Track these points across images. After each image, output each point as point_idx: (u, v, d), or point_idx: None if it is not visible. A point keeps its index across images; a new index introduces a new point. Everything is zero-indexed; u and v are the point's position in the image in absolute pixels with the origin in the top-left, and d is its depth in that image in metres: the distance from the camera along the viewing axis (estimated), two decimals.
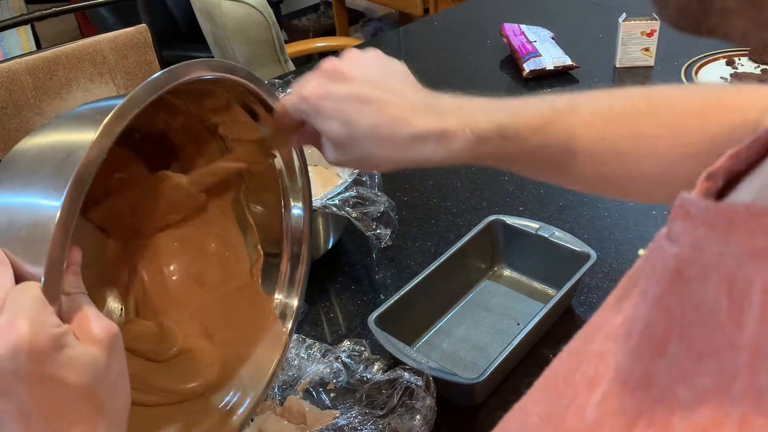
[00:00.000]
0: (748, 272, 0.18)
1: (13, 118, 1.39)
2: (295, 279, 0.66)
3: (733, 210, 0.18)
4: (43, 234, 0.38)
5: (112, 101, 0.43)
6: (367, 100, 0.48)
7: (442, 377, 0.66)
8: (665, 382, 0.19)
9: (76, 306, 0.41)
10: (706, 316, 0.19)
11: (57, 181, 0.39)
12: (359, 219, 0.83)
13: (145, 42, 1.53)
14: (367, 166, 0.52)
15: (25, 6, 2.93)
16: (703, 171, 0.22)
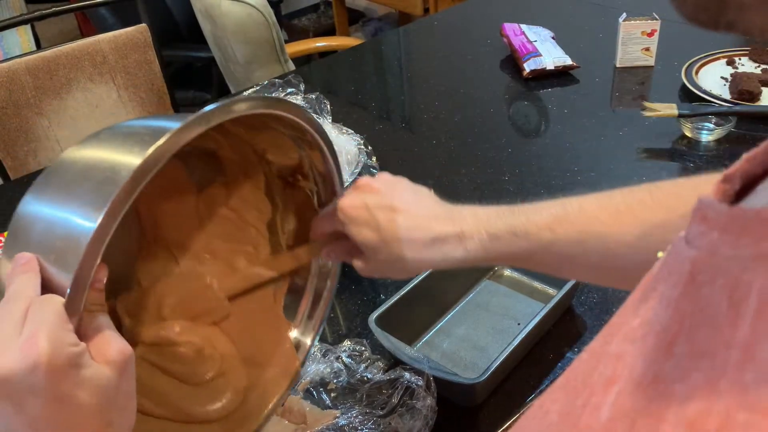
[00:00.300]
0: (749, 275, 0.18)
1: (13, 117, 1.39)
2: (313, 315, 0.66)
3: (744, 214, 0.19)
4: (74, 249, 0.39)
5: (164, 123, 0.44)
6: (396, 209, 0.56)
7: (442, 377, 0.66)
8: (669, 381, 0.20)
9: (95, 324, 0.42)
10: (709, 318, 0.19)
11: (95, 200, 0.40)
12: None
13: (145, 42, 1.53)
14: (394, 270, 0.57)
15: (25, 6, 2.93)
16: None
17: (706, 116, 1.11)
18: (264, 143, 0.60)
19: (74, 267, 0.39)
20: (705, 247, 0.19)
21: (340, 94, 1.44)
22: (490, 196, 1.03)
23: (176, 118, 0.45)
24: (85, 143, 0.48)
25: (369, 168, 0.89)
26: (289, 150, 0.60)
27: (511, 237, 0.54)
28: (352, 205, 0.57)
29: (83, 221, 0.40)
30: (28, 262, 0.41)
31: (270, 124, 0.55)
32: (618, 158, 1.09)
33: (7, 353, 0.37)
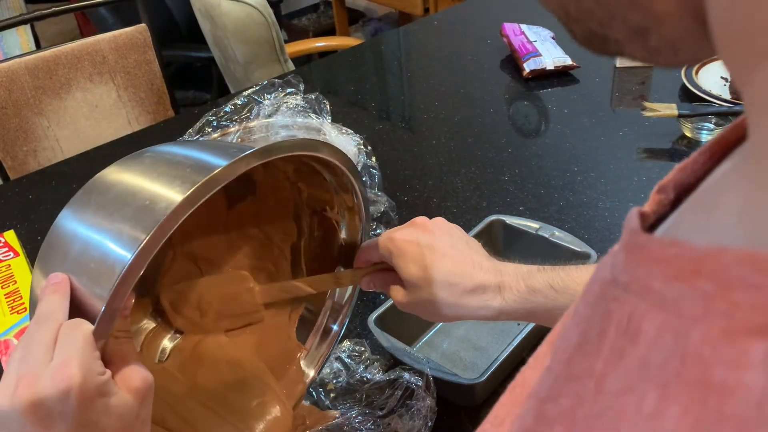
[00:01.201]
0: (614, 305, 0.18)
1: (13, 118, 1.39)
2: (320, 351, 0.67)
3: (636, 239, 0.18)
4: (107, 276, 0.40)
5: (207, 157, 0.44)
6: (446, 253, 0.57)
7: (442, 377, 0.66)
8: (546, 400, 0.20)
9: (121, 352, 0.43)
10: (585, 343, 0.19)
11: (133, 230, 0.41)
12: None
13: (145, 42, 1.53)
14: (429, 311, 0.58)
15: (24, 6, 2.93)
16: None
17: (706, 116, 1.11)
18: (298, 174, 0.61)
19: (106, 293, 0.40)
20: (613, 269, 0.19)
21: (340, 94, 1.44)
22: (490, 196, 1.03)
23: (219, 151, 0.45)
24: (127, 164, 0.48)
25: (369, 168, 0.89)
26: (321, 184, 0.61)
27: (549, 290, 0.55)
28: (404, 238, 0.58)
29: (120, 249, 0.41)
30: (61, 282, 0.42)
31: (306, 160, 0.57)
32: (618, 158, 1.09)
33: (40, 379, 0.38)
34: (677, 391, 0.15)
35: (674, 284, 0.16)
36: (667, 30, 0.19)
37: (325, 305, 0.67)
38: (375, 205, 0.85)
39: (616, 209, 0.96)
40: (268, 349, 0.65)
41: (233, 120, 1.00)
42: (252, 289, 0.64)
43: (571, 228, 0.91)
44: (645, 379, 0.16)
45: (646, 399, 0.16)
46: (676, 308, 0.16)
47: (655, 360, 0.16)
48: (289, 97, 1.01)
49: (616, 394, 0.17)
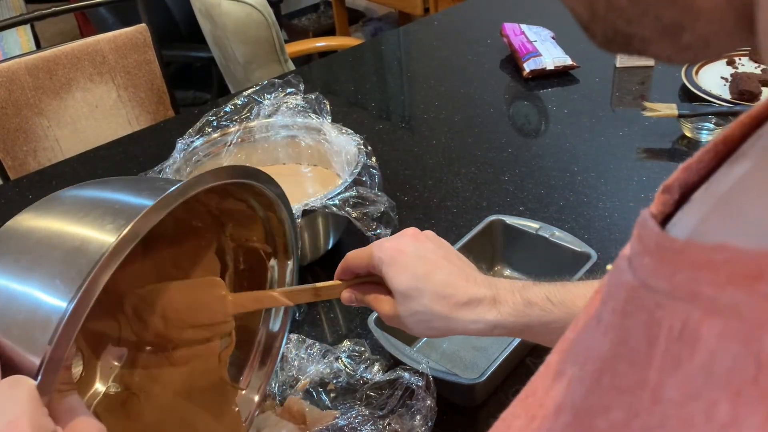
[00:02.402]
0: (661, 313, 0.18)
1: (13, 118, 1.39)
2: (261, 374, 0.65)
3: (669, 244, 0.18)
4: (43, 327, 0.37)
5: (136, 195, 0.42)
6: (439, 264, 0.56)
7: (442, 377, 0.66)
8: (592, 414, 0.19)
9: (68, 405, 0.41)
10: (630, 353, 0.19)
11: (69, 273, 0.38)
12: (359, 219, 0.83)
13: (145, 42, 1.53)
14: (419, 324, 0.56)
15: (24, 6, 2.93)
16: None
17: (706, 116, 1.11)
18: (221, 205, 0.59)
19: (43, 347, 0.36)
20: (638, 273, 0.19)
21: (340, 94, 1.44)
22: (490, 196, 1.03)
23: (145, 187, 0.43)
24: (43, 207, 0.45)
25: (369, 168, 0.89)
26: (247, 214, 0.58)
27: (546, 303, 0.53)
28: (396, 247, 0.57)
29: (54, 298, 0.38)
30: None
31: (230, 189, 0.54)
32: (618, 158, 1.09)
33: None
34: (755, 398, 0.15)
35: (729, 289, 0.16)
36: (703, 26, 0.19)
37: (258, 334, 0.65)
38: (375, 205, 0.85)
39: (616, 209, 0.96)
40: (201, 395, 0.61)
41: (233, 120, 1.00)
42: (224, 297, 0.60)
43: (571, 228, 0.91)
44: (711, 387, 0.16)
45: (717, 407, 0.15)
46: (736, 314, 0.15)
47: (722, 366, 0.15)
48: (289, 97, 1.01)
49: (678, 403, 0.16)
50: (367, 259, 0.58)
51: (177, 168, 0.92)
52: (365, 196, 0.84)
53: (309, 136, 0.99)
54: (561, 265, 0.80)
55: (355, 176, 0.86)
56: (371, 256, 0.57)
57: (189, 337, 0.61)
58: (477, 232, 0.85)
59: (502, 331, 0.55)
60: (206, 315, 0.60)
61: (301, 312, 0.84)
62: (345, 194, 0.83)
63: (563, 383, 0.21)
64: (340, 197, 0.82)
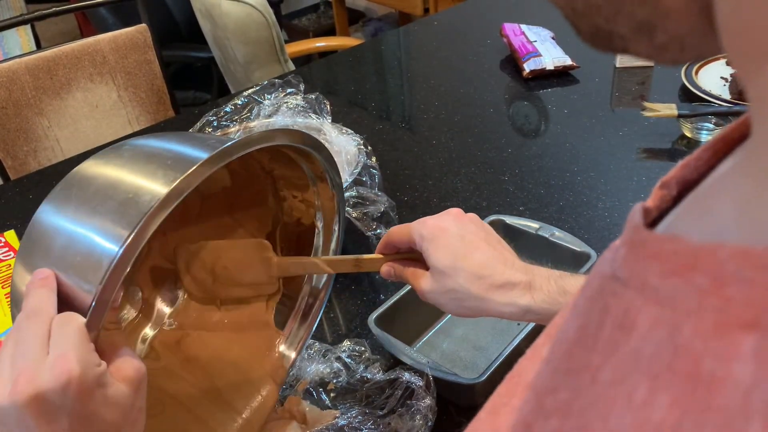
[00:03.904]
0: (612, 300, 0.18)
1: (13, 118, 1.39)
2: (299, 335, 0.67)
3: (639, 235, 0.18)
4: (95, 269, 0.40)
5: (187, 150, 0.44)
6: (478, 245, 0.56)
7: (442, 377, 0.66)
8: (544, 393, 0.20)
9: (113, 343, 0.44)
10: (584, 337, 0.19)
11: (119, 223, 0.41)
12: (359, 219, 0.83)
13: (145, 42, 1.53)
14: (454, 303, 0.57)
15: (25, 6, 2.93)
16: None
17: (706, 116, 1.11)
18: (271, 161, 0.61)
19: (95, 287, 0.40)
20: (613, 264, 0.19)
21: (340, 94, 1.44)
22: (490, 196, 1.03)
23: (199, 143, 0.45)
24: (106, 157, 0.48)
25: (369, 168, 0.89)
26: (297, 172, 0.61)
27: None
28: (438, 224, 0.58)
29: (107, 243, 0.41)
30: (47, 277, 0.42)
31: (283, 150, 0.56)
32: (618, 158, 1.09)
33: (40, 373, 0.39)
34: (667, 382, 0.15)
35: (670, 279, 0.16)
36: (672, 25, 0.19)
37: (302, 291, 0.67)
38: (375, 205, 0.85)
39: (616, 209, 0.96)
40: (248, 337, 0.65)
41: (233, 120, 1.00)
42: (269, 258, 0.63)
43: (571, 228, 0.91)
44: (636, 371, 0.16)
45: (636, 390, 0.16)
46: (671, 303, 0.16)
47: (647, 352, 0.16)
48: (290, 97, 1.02)
49: (607, 384, 0.17)
50: (408, 235, 0.59)
51: None
52: (365, 196, 0.84)
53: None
54: (561, 265, 0.79)
55: (355, 176, 0.86)
56: (413, 231, 0.59)
57: (234, 295, 0.64)
58: None
59: (534, 317, 0.55)
60: (252, 275, 0.63)
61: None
62: (345, 194, 0.83)
63: (540, 365, 0.22)
64: None
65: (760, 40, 0.16)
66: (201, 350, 0.63)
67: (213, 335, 0.64)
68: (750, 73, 0.17)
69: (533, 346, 0.27)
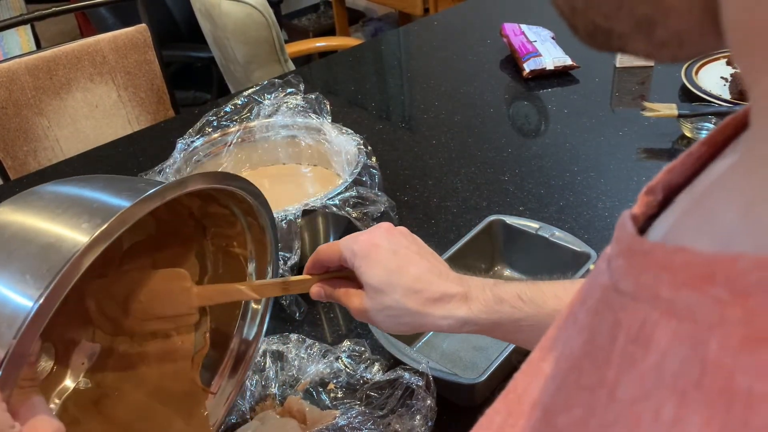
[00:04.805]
0: (623, 314, 0.18)
1: (13, 118, 1.39)
2: (232, 382, 0.64)
3: (638, 246, 0.18)
4: (9, 322, 0.37)
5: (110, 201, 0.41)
6: (412, 259, 0.55)
7: (442, 377, 0.66)
8: (555, 411, 0.20)
9: (29, 402, 0.41)
10: (594, 351, 0.19)
11: (35, 273, 0.38)
12: (359, 219, 0.83)
13: (145, 42, 1.53)
14: (389, 318, 0.55)
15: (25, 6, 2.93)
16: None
17: (706, 116, 1.11)
18: (203, 209, 0.59)
19: (8, 342, 0.37)
20: (612, 275, 0.19)
21: (340, 94, 1.44)
22: (490, 196, 1.03)
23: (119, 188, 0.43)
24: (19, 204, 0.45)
25: (369, 168, 0.89)
26: (228, 219, 0.58)
27: (517, 301, 0.53)
28: (370, 240, 0.56)
29: (22, 296, 0.38)
30: None
31: (213, 194, 0.54)
32: (618, 158, 1.09)
33: None
34: (698, 399, 0.15)
35: (685, 292, 0.16)
36: (673, 22, 0.19)
37: (231, 343, 0.64)
38: (375, 205, 0.85)
39: (616, 209, 0.96)
40: (173, 396, 0.62)
41: (233, 120, 1.00)
42: (189, 289, 0.59)
43: (571, 228, 0.91)
44: (660, 387, 0.16)
45: (663, 407, 0.15)
46: (689, 316, 0.16)
47: (671, 368, 0.16)
48: (290, 97, 1.02)
49: (629, 402, 0.17)
50: (338, 252, 0.57)
51: (177, 168, 0.92)
52: (365, 196, 0.84)
53: (309, 136, 0.99)
54: (561, 265, 0.80)
55: (355, 176, 0.86)
56: (343, 248, 0.57)
57: (151, 329, 0.60)
58: (477, 232, 0.85)
59: (473, 327, 0.54)
60: (170, 306, 0.59)
61: (301, 312, 0.84)
62: (345, 194, 0.83)
63: (540, 380, 0.22)
64: (340, 197, 0.82)
65: (763, 41, 0.16)
66: (122, 411, 0.60)
67: (134, 394, 0.60)
68: (753, 74, 0.17)
69: (528, 360, 0.26)
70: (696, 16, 0.19)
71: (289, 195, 0.97)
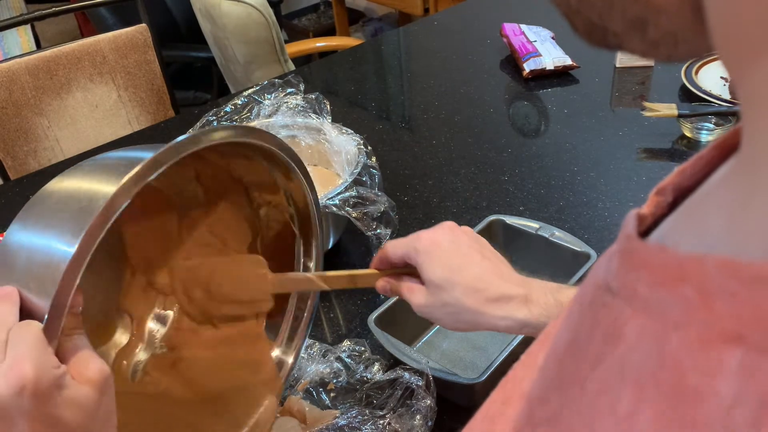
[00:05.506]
0: (602, 312, 0.18)
1: (13, 118, 1.39)
2: (294, 336, 0.67)
3: (631, 245, 0.18)
4: (52, 276, 0.40)
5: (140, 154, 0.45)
6: (474, 258, 0.56)
7: (442, 377, 0.66)
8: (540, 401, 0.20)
9: (74, 346, 0.43)
10: (576, 347, 0.19)
11: (73, 228, 0.41)
12: (359, 219, 0.83)
13: (145, 42, 1.53)
14: (449, 317, 0.57)
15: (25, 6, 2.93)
16: None
17: (706, 116, 1.11)
18: (240, 169, 0.61)
19: (52, 293, 0.40)
20: (607, 273, 0.19)
21: (340, 94, 1.44)
22: (490, 196, 1.03)
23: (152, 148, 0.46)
24: (65, 174, 0.49)
25: (369, 168, 0.89)
26: (264, 175, 0.61)
27: None
28: (433, 238, 0.58)
29: (61, 247, 0.41)
30: (9, 293, 0.43)
31: (243, 152, 0.57)
32: (618, 158, 1.09)
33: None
34: (651, 394, 0.15)
35: (658, 290, 0.16)
36: (664, 21, 0.19)
37: (290, 299, 0.68)
38: (375, 205, 0.85)
39: (616, 209, 0.96)
40: (242, 351, 0.65)
41: (233, 120, 1.00)
42: (265, 275, 0.63)
43: (571, 228, 0.91)
44: (622, 381, 0.16)
45: (621, 400, 0.16)
46: (659, 314, 0.16)
47: (633, 362, 0.16)
48: (289, 97, 1.02)
49: (594, 394, 0.17)
50: (403, 249, 0.59)
51: None
52: (365, 196, 0.84)
53: (309, 136, 0.99)
54: (561, 265, 0.80)
55: (355, 176, 0.86)
56: (408, 246, 0.59)
57: (228, 313, 0.64)
58: (477, 232, 0.85)
59: (531, 330, 0.55)
60: (247, 292, 0.63)
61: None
62: (345, 194, 0.83)
63: (533, 372, 0.22)
64: (340, 197, 0.82)
65: (748, 34, 0.16)
66: (198, 370, 0.63)
67: (207, 354, 0.64)
68: (739, 72, 0.17)
69: (528, 352, 0.27)
70: (687, 15, 0.19)
71: None
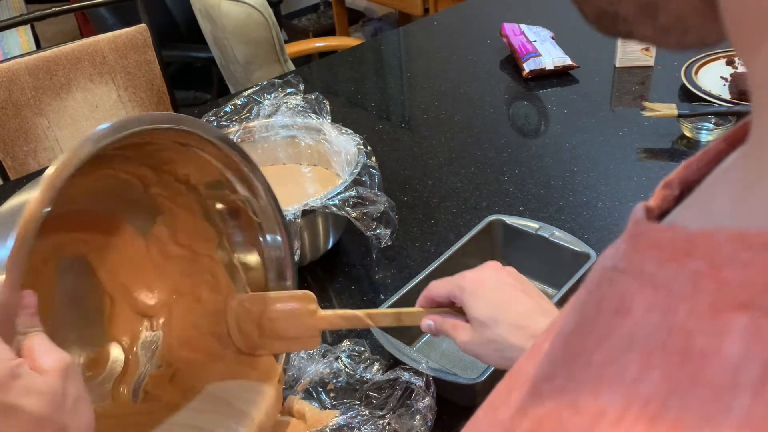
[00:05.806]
0: (606, 288, 0.18)
1: (13, 118, 1.39)
2: None
3: (639, 228, 0.18)
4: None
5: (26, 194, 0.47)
6: (517, 296, 0.59)
7: (442, 377, 0.66)
8: (541, 380, 0.20)
9: (31, 342, 0.44)
10: (583, 325, 0.19)
11: (7, 232, 0.43)
12: (359, 219, 0.83)
13: (145, 42, 1.53)
14: (494, 351, 0.58)
15: (24, 6, 2.93)
16: None
17: (706, 116, 1.11)
18: (182, 168, 0.61)
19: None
20: (615, 257, 0.19)
21: (340, 94, 1.44)
22: (490, 196, 1.03)
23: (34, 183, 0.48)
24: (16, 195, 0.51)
25: (369, 168, 0.89)
26: (205, 165, 0.61)
27: None
28: (477, 278, 0.60)
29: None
30: None
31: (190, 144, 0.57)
32: (618, 158, 1.09)
33: None
34: (659, 359, 0.16)
35: (667, 266, 0.16)
36: (674, 6, 0.19)
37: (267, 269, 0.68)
38: (375, 205, 0.85)
39: (615, 209, 0.96)
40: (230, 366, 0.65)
41: (233, 120, 1.00)
42: (314, 312, 0.63)
43: (570, 228, 0.91)
44: (630, 350, 0.16)
45: (628, 367, 0.16)
46: (666, 287, 0.16)
47: (642, 333, 0.16)
48: (289, 97, 1.01)
49: (601, 365, 0.17)
50: (448, 288, 0.61)
51: None
52: (365, 196, 0.84)
53: (309, 136, 0.99)
54: (560, 265, 0.80)
55: (355, 176, 0.86)
56: (453, 285, 0.61)
57: (277, 349, 0.65)
58: (477, 232, 0.85)
59: None
60: (297, 328, 0.64)
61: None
62: (345, 194, 0.83)
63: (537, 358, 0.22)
64: (340, 197, 0.82)
65: (758, 16, 0.16)
66: (195, 377, 0.64)
67: (202, 358, 0.65)
68: (750, 53, 0.17)
69: (533, 345, 0.27)
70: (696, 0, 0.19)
71: (289, 195, 0.96)
